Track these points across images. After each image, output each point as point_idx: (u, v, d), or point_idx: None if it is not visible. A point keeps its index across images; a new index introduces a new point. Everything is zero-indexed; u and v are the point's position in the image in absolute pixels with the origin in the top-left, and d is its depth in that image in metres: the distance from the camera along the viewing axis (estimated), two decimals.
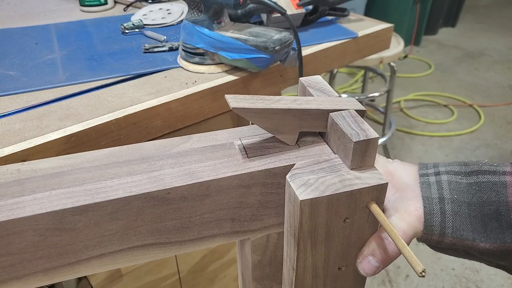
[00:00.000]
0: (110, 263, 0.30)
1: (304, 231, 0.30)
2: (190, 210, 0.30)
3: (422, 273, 0.26)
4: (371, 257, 0.32)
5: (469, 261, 1.55)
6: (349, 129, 0.30)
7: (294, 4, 0.79)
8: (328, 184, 0.29)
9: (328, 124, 0.33)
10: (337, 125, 0.31)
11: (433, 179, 0.35)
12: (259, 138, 0.33)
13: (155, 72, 0.66)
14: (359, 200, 0.29)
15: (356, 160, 0.30)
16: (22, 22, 0.90)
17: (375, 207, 0.29)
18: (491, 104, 2.52)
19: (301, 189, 0.28)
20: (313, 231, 0.30)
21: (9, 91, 0.60)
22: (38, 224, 0.26)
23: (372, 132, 0.30)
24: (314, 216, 0.29)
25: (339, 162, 0.31)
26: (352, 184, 0.29)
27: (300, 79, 0.38)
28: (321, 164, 0.31)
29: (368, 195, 0.29)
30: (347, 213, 0.30)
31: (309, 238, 0.30)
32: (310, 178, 0.29)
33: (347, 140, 0.30)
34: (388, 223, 0.29)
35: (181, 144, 0.33)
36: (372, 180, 0.29)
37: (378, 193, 0.29)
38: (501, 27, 3.69)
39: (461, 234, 0.33)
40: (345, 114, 0.32)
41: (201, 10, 0.62)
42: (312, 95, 0.35)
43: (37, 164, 0.30)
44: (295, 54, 0.65)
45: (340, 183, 0.29)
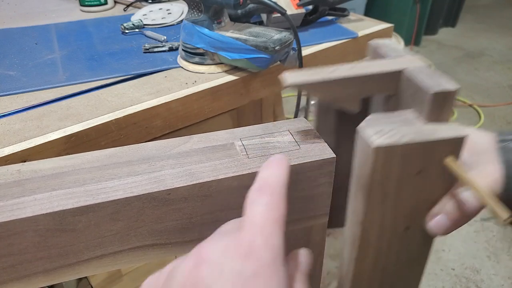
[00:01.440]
0: (110, 264, 0.30)
1: (375, 181, 0.28)
2: (190, 210, 0.30)
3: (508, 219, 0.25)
4: (442, 215, 0.31)
5: (469, 261, 1.55)
6: (425, 82, 0.29)
7: (294, 4, 0.79)
8: (403, 133, 0.27)
9: (401, 81, 0.31)
10: (413, 79, 0.30)
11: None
12: (260, 138, 0.33)
13: (155, 72, 0.66)
14: (436, 152, 0.28)
15: (433, 113, 0.28)
16: (22, 22, 0.90)
17: (452, 161, 0.28)
18: (491, 104, 2.52)
19: (375, 136, 0.27)
20: (384, 183, 0.29)
21: (9, 91, 0.60)
22: (38, 225, 0.26)
23: (450, 84, 0.28)
24: (386, 165, 0.28)
25: (414, 116, 0.30)
26: (428, 134, 0.28)
27: (370, 42, 0.36)
28: (395, 117, 0.29)
29: (445, 147, 0.28)
30: (421, 165, 0.28)
31: (379, 190, 0.29)
32: (384, 128, 0.28)
33: (424, 92, 0.28)
34: (467, 174, 0.27)
35: (181, 144, 0.33)
36: (451, 132, 0.28)
37: (456, 147, 0.28)
38: (501, 27, 3.69)
39: None
40: (420, 68, 0.31)
41: (201, 10, 0.62)
42: (383, 54, 0.34)
43: (38, 164, 0.30)
44: (295, 54, 0.65)
45: (415, 133, 0.28)
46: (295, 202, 0.32)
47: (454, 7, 3.55)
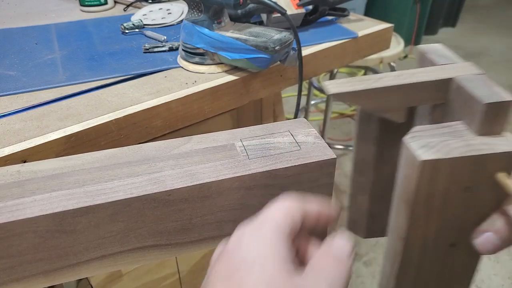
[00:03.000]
0: (110, 265, 0.30)
1: (419, 197, 0.27)
2: (190, 211, 0.30)
3: None
4: (491, 233, 0.29)
5: None
6: (478, 91, 0.27)
7: (294, 4, 0.79)
8: (452, 147, 0.26)
9: (451, 90, 0.30)
10: (464, 88, 0.28)
11: None
12: (260, 139, 0.33)
13: (155, 72, 0.66)
14: (485, 168, 0.26)
15: (485, 124, 0.27)
16: (22, 22, 0.89)
17: (504, 177, 0.26)
18: None
19: (422, 149, 0.26)
20: (429, 198, 0.27)
21: (9, 91, 0.60)
22: (38, 226, 0.26)
23: (506, 94, 0.27)
24: (433, 180, 0.26)
25: (464, 128, 0.28)
26: (479, 148, 0.26)
27: (418, 46, 0.35)
28: (443, 129, 0.28)
29: (496, 163, 0.26)
30: (470, 181, 0.27)
31: (424, 205, 0.28)
32: (432, 140, 0.27)
33: (475, 102, 0.27)
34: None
35: (181, 145, 0.33)
36: (503, 146, 0.26)
37: (508, 162, 0.26)
38: (501, 27, 3.69)
39: None
40: (472, 77, 0.29)
41: (201, 10, 0.62)
42: (433, 61, 0.33)
43: (37, 165, 0.30)
44: (295, 54, 0.65)
45: (465, 147, 0.26)
46: None
47: (454, 7, 3.54)
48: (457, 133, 0.28)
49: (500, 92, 0.27)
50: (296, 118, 0.36)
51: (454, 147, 0.26)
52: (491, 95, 0.27)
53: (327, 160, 0.31)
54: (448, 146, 0.26)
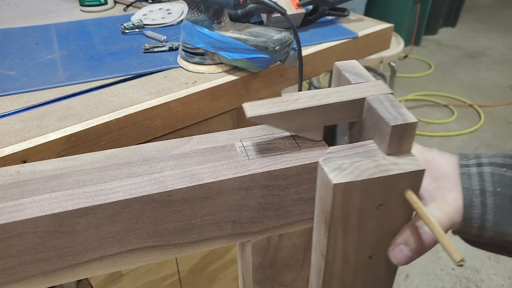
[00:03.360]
0: (110, 266, 0.30)
1: (335, 217, 0.29)
2: (190, 212, 0.30)
3: (460, 263, 0.25)
4: (404, 246, 0.31)
5: (469, 261, 1.55)
6: (386, 113, 0.29)
7: (294, 4, 0.79)
8: (363, 169, 0.28)
9: (364, 109, 0.31)
10: (374, 109, 0.30)
11: (475, 170, 0.34)
12: (260, 139, 0.33)
13: (155, 72, 0.66)
14: (395, 186, 0.28)
15: (393, 145, 0.29)
16: (22, 22, 0.89)
17: (411, 194, 0.28)
18: (491, 104, 2.52)
19: (334, 172, 0.27)
20: (345, 217, 0.29)
21: (9, 91, 0.60)
22: (37, 227, 0.26)
23: (410, 116, 0.28)
24: (347, 201, 0.28)
25: (375, 148, 0.30)
26: (388, 169, 0.28)
27: (335, 63, 0.36)
28: (356, 149, 0.30)
29: (404, 181, 0.28)
30: (381, 199, 0.29)
31: (341, 224, 0.29)
32: (344, 162, 0.28)
33: (384, 124, 0.28)
34: (424, 210, 0.28)
35: (181, 145, 0.33)
36: (409, 166, 0.28)
37: (415, 180, 0.28)
38: (501, 27, 3.69)
39: (502, 228, 0.32)
40: (382, 98, 0.31)
41: (201, 10, 0.62)
42: (348, 79, 0.34)
43: (37, 166, 0.30)
44: (295, 54, 0.65)
45: (375, 168, 0.28)
46: (296, 204, 0.32)
47: (454, 7, 3.54)
48: (368, 153, 0.29)
49: (406, 114, 0.29)
50: None
51: (365, 168, 0.28)
52: (397, 117, 0.28)
53: None
54: (359, 168, 0.28)
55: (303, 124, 0.31)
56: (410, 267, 1.53)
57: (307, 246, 0.36)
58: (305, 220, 0.34)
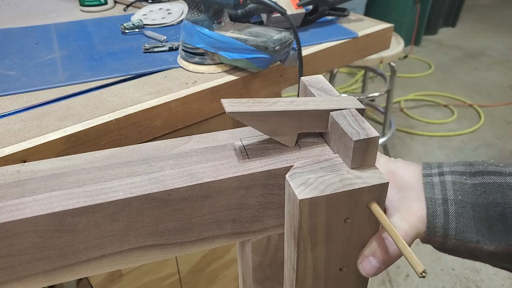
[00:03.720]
0: (110, 265, 0.30)
1: (304, 231, 0.29)
2: (190, 211, 0.30)
3: (422, 274, 0.26)
4: (372, 258, 0.32)
5: (469, 261, 1.55)
6: (349, 128, 0.30)
7: (294, 4, 0.79)
8: (328, 184, 0.28)
9: (328, 123, 0.32)
10: (338, 124, 0.31)
11: (437, 179, 0.34)
12: (260, 139, 0.33)
13: (155, 72, 0.66)
14: (360, 200, 0.29)
15: (356, 159, 0.29)
16: (22, 22, 0.90)
17: (376, 207, 0.29)
18: (491, 104, 2.52)
19: (300, 188, 0.28)
20: (313, 231, 0.30)
21: (9, 91, 0.60)
22: (38, 226, 0.26)
23: (372, 131, 0.29)
24: (313, 215, 0.29)
25: (340, 162, 0.31)
26: (352, 183, 0.28)
27: (302, 78, 0.37)
28: (321, 163, 0.30)
29: (368, 194, 0.29)
30: (347, 213, 0.29)
31: (309, 238, 0.30)
32: (309, 177, 0.29)
33: (347, 139, 0.29)
34: (388, 223, 0.29)
35: (181, 145, 0.33)
36: (373, 179, 0.29)
37: (379, 192, 0.29)
38: (501, 27, 3.69)
39: (464, 236, 0.32)
40: (345, 113, 0.32)
41: (201, 10, 0.62)
42: (313, 94, 0.35)
43: (37, 165, 0.30)
44: (295, 54, 0.65)
45: (340, 182, 0.28)
46: None
47: (454, 7, 3.54)
48: (334, 168, 0.30)
49: (368, 129, 0.29)
50: None
51: (330, 183, 0.28)
52: (359, 132, 0.29)
53: None
54: (324, 182, 0.28)
55: (278, 128, 0.31)
56: (410, 267, 1.52)
57: None
58: None
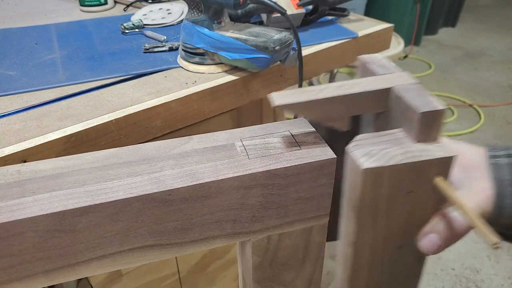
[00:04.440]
0: (110, 265, 0.30)
1: (365, 203, 0.28)
2: (190, 211, 0.30)
3: (495, 245, 0.25)
4: (433, 235, 0.31)
5: (469, 261, 1.55)
6: (414, 101, 0.29)
7: (294, 4, 0.79)
8: (391, 155, 0.28)
9: (390, 98, 0.31)
10: (401, 98, 0.30)
11: (505, 161, 0.33)
12: (260, 139, 0.33)
13: (155, 72, 0.66)
14: (424, 173, 0.28)
15: (421, 133, 0.29)
16: (22, 22, 0.89)
17: (442, 181, 0.28)
18: (491, 104, 2.52)
19: (364, 158, 0.27)
20: (374, 203, 0.29)
21: (9, 91, 0.60)
22: (38, 226, 0.26)
23: (439, 103, 0.28)
24: (376, 186, 0.28)
25: (403, 136, 0.30)
26: (417, 155, 0.28)
27: (360, 56, 0.36)
28: (384, 137, 0.30)
29: (434, 168, 0.28)
30: (411, 186, 0.29)
31: (370, 211, 0.29)
32: (373, 149, 0.28)
33: (412, 112, 0.28)
34: (455, 195, 0.27)
35: (182, 145, 0.33)
36: (439, 152, 0.28)
37: (444, 166, 0.28)
38: (501, 27, 3.69)
39: None
40: (408, 87, 0.31)
41: (201, 10, 0.62)
42: (374, 71, 0.34)
43: (37, 165, 0.30)
44: (295, 54, 0.65)
45: (403, 155, 0.28)
46: (296, 203, 0.32)
47: (454, 7, 3.54)
48: (397, 141, 0.29)
49: (433, 102, 0.29)
50: (296, 118, 0.36)
51: (394, 154, 0.28)
52: (426, 104, 0.28)
53: (327, 160, 0.31)
54: (388, 154, 0.28)
55: (329, 114, 0.31)
56: None
57: (307, 246, 0.36)
58: (305, 219, 0.34)
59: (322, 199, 0.33)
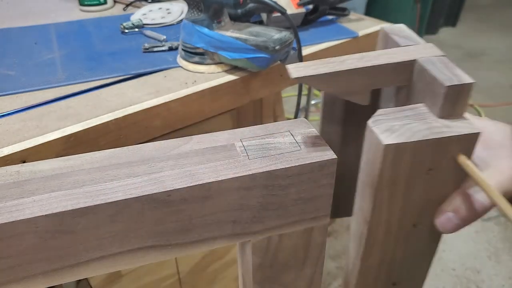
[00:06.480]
0: (110, 266, 0.30)
1: (383, 180, 0.28)
2: (190, 212, 0.30)
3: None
4: (451, 213, 0.30)
5: (470, 262, 1.55)
6: (440, 74, 0.28)
7: (294, 3, 0.79)
8: (415, 131, 0.27)
9: (414, 71, 0.30)
10: (426, 71, 0.28)
11: None
12: (260, 139, 0.33)
13: (154, 72, 0.66)
14: (447, 150, 0.27)
15: (446, 107, 0.27)
16: (21, 22, 0.89)
17: (465, 159, 0.27)
18: (492, 104, 2.52)
19: (385, 134, 0.26)
20: (393, 181, 0.28)
21: (9, 91, 0.60)
22: (37, 227, 0.26)
23: (466, 77, 0.27)
24: (396, 163, 0.27)
25: (426, 110, 0.29)
26: (441, 131, 0.27)
27: (383, 27, 0.35)
28: (406, 111, 0.28)
29: (457, 145, 0.27)
30: (432, 163, 0.28)
31: (388, 188, 0.28)
32: (395, 124, 0.27)
33: (437, 85, 0.27)
34: (479, 174, 0.27)
35: (181, 145, 0.33)
36: (463, 128, 0.27)
37: (468, 144, 0.27)
38: (502, 27, 3.69)
39: None
40: (435, 59, 0.30)
41: (201, 10, 0.62)
42: (396, 42, 0.33)
43: (37, 165, 0.30)
44: (295, 54, 0.65)
45: (427, 130, 0.27)
46: (296, 204, 0.32)
47: (454, 6, 3.54)
48: (419, 116, 0.28)
49: (461, 75, 0.28)
50: (296, 118, 0.36)
51: (417, 130, 0.27)
52: (452, 78, 0.27)
53: (328, 160, 0.31)
54: (410, 129, 0.27)
55: (350, 87, 0.29)
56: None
57: (307, 246, 0.36)
58: (305, 220, 0.34)
59: (322, 199, 0.33)
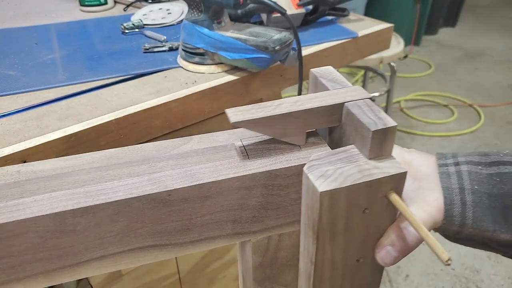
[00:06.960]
0: (110, 265, 0.30)
1: (323, 224, 0.29)
2: (191, 211, 0.30)
3: (447, 262, 0.25)
4: (390, 247, 0.32)
5: (469, 261, 1.55)
6: (366, 118, 0.29)
7: (294, 4, 0.79)
8: (347, 175, 0.28)
9: (342, 115, 0.32)
10: (353, 115, 0.30)
11: (453, 169, 0.34)
12: (260, 139, 0.33)
13: (155, 72, 0.66)
14: (379, 190, 0.29)
15: (374, 149, 0.29)
16: (22, 22, 0.89)
17: (395, 197, 0.29)
18: (491, 104, 2.52)
19: (319, 180, 0.27)
20: (332, 223, 0.29)
21: (9, 91, 0.60)
22: (38, 226, 0.26)
23: (390, 120, 0.29)
24: (333, 207, 0.28)
25: (357, 152, 0.30)
26: (371, 174, 0.28)
27: (312, 70, 0.37)
28: (338, 154, 0.30)
29: (387, 184, 0.29)
30: (366, 203, 0.29)
31: (328, 230, 0.29)
32: (328, 169, 0.28)
33: (364, 129, 0.29)
34: (409, 212, 0.28)
35: (181, 145, 0.33)
36: (391, 169, 0.28)
37: (397, 182, 0.29)
38: (501, 27, 3.69)
39: (481, 225, 0.33)
40: (360, 103, 0.31)
41: (201, 10, 0.62)
42: (325, 85, 0.34)
43: (37, 165, 0.30)
44: (295, 54, 0.65)
45: (359, 173, 0.28)
46: (296, 203, 0.32)
47: (454, 7, 3.54)
48: (351, 158, 0.30)
49: (385, 118, 0.29)
50: None
51: (349, 174, 0.28)
52: (377, 122, 0.29)
53: None
54: (343, 174, 0.28)
55: (286, 129, 0.31)
56: (410, 267, 1.53)
57: None
58: None
59: None
